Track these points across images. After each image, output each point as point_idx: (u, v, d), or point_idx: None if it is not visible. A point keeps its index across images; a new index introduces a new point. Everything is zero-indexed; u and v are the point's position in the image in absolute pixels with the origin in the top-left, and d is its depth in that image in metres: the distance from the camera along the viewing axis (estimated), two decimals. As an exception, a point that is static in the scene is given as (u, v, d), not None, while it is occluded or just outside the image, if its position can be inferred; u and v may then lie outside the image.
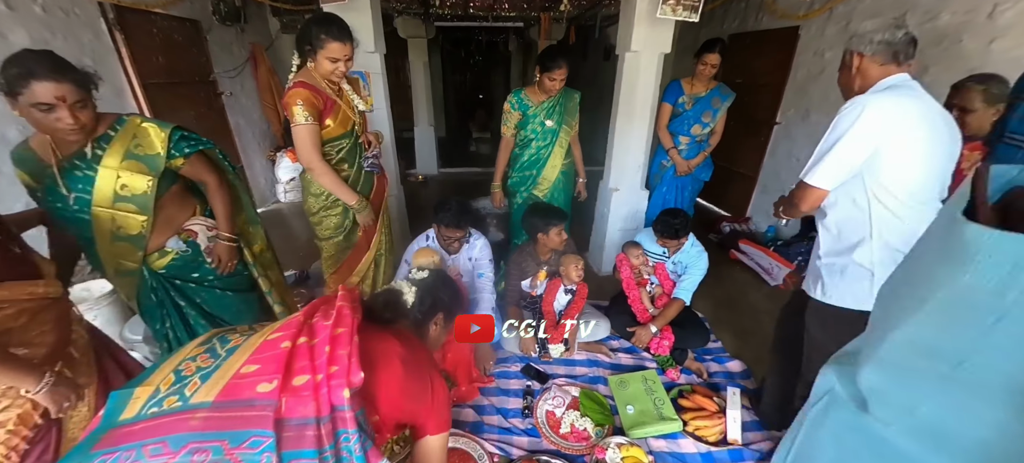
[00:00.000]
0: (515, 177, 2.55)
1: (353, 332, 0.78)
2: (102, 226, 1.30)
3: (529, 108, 2.39)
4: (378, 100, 2.52)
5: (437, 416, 0.93)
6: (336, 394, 0.70)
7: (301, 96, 1.62)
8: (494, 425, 1.82)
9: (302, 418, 0.67)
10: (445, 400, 0.96)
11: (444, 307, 1.15)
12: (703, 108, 2.65)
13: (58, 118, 1.10)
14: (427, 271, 1.21)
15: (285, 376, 0.69)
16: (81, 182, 1.24)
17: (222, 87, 3.65)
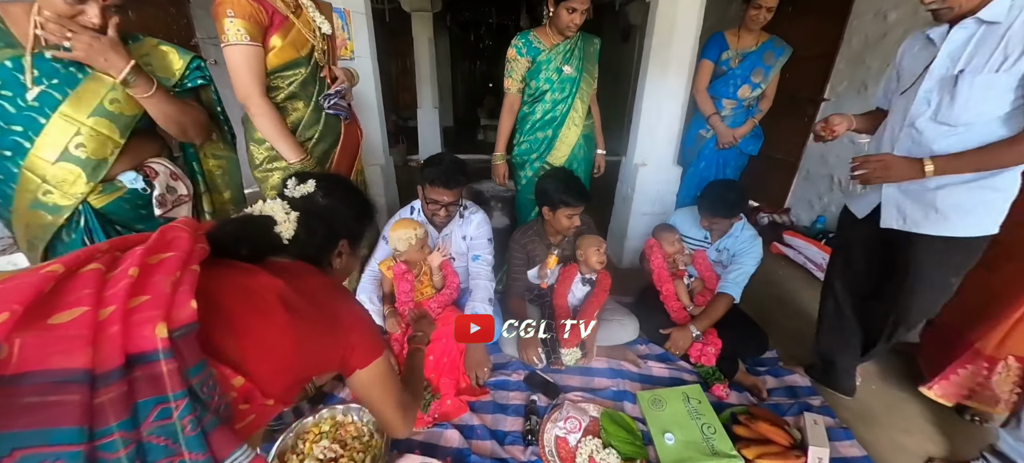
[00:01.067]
0: (524, 143, 2.09)
1: (187, 258, 0.54)
2: (56, 139, 1.02)
3: (541, 52, 1.94)
4: (362, 47, 2.11)
5: (357, 348, 0.75)
6: (140, 334, 0.44)
7: (235, 4, 1.22)
8: (485, 454, 1.37)
9: (57, 374, 0.39)
10: (361, 325, 0.78)
11: (347, 231, 0.87)
12: (753, 65, 2.16)
13: (84, 10, 0.94)
14: (311, 183, 0.84)
15: (36, 310, 0.41)
16: (59, 79, 1.00)
17: (206, 54, 3.30)
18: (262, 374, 0.58)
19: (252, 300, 0.61)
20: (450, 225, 1.78)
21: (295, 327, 0.62)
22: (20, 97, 0.99)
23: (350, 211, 0.89)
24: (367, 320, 0.80)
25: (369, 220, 0.96)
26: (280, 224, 0.76)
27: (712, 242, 1.90)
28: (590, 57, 2.02)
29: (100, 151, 1.07)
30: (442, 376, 1.59)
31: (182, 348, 0.46)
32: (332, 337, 0.70)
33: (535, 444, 1.39)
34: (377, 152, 2.35)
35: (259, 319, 0.60)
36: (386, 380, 0.81)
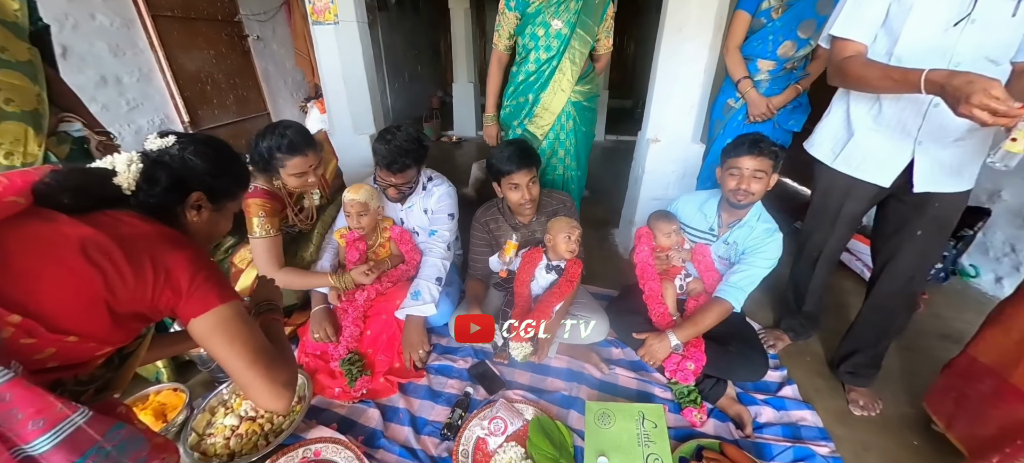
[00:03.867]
0: (507, 106, 1.89)
1: None
2: None
3: (529, 5, 1.71)
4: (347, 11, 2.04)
5: (185, 295, 0.73)
6: None
7: (264, 206, 1.44)
8: (396, 441, 1.27)
9: None
10: (198, 274, 0.73)
11: (200, 183, 0.81)
12: (800, 15, 1.69)
13: None
14: (170, 138, 0.81)
15: None
16: None
17: (249, 30, 3.56)
18: (49, 311, 0.62)
19: (43, 247, 0.63)
20: (412, 197, 1.67)
21: (96, 271, 0.64)
22: None
23: (206, 165, 0.83)
24: (205, 271, 0.75)
25: (234, 180, 0.91)
26: (120, 175, 0.73)
27: (719, 235, 1.56)
28: (592, 10, 1.74)
29: (29, 101, 1.12)
30: (378, 352, 1.52)
31: None
32: (145, 283, 0.69)
33: (451, 440, 1.26)
34: (367, 122, 2.31)
35: (48, 263, 0.63)
36: (230, 332, 0.76)
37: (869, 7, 1.14)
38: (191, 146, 0.82)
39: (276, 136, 1.39)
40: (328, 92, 2.26)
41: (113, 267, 0.66)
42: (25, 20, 1.16)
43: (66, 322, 0.63)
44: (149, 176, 0.75)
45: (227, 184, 0.89)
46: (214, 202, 0.86)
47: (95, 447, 0.61)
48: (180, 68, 2.99)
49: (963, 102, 0.86)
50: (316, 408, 1.38)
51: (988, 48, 1.02)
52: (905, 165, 1.19)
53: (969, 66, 1.01)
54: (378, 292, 1.56)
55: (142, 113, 2.83)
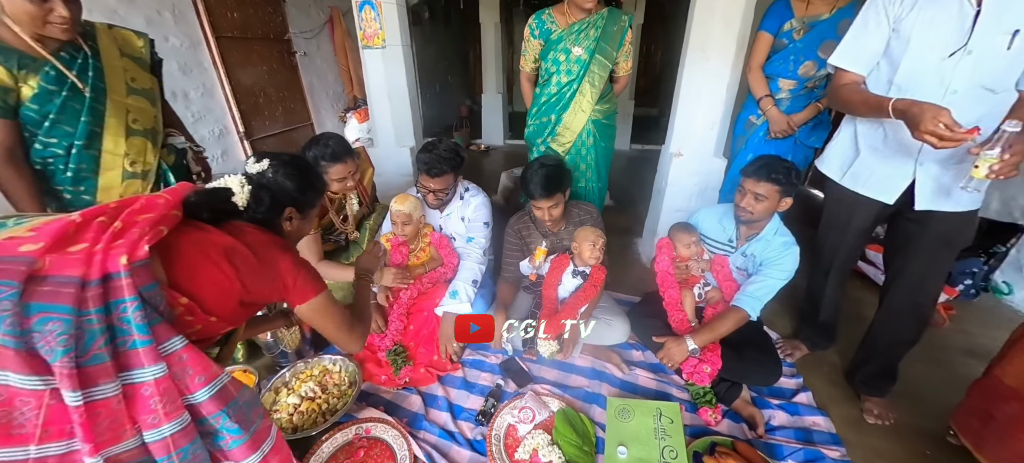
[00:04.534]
0: (531, 126, 2.04)
1: (158, 218, 0.76)
2: (118, 119, 1.28)
3: (553, 32, 1.86)
4: (393, 35, 2.25)
5: (292, 290, 0.94)
6: (111, 260, 0.68)
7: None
8: (437, 424, 1.43)
9: (64, 276, 0.64)
10: (300, 273, 0.95)
11: (291, 200, 1.02)
12: (822, 36, 1.76)
13: (52, 9, 1.08)
14: (264, 162, 1.00)
15: (58, 243, 0.67)
16: (90, 73, 1.22)
17: (297, 46, 3.86)
18: (203, 297, 0.81)
19: (201, 250, 0.83)
20: (450, 205, 1.84)
21: (234, 270, 0.84)
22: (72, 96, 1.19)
23: (294, 185, 1.02)
24: (304, 270, 0.97)
25: (314, 193, 1.10)
26: (236, 195, 0.93)
27: (737, 246, 1.65)
28: (611, 36, 1.87)
29: (148, 119, 1.37)
30: (420, 345, 1.69)
31: (138, 272, 0.69)
32: (268, 280, 0.90)
33: (485, 425, 1.41)
34: (408, 135, 2.51)
35: (204, 263, 0.82)
36: (324, 312, 1.01)
37: (867, 41, 1.23)
38: (281, 169, 1.02)
39: (321, 146, 1.58)
40: (374, 108, 2.47)
41: (247, 268, 0.85)
42: (147, 55, 1.41)
43: (213, 306, 0.82)
44: (256, 196, 0.95)
45: (310, 197, 1.09)
46: (301, 212, 1.06)
47: (234, 401, 0.80)
48: (237, 83, 3.30)
49: (914, 128, 0.99)
50: (366, 392, 1.56)
51: (985, 78, 1.08)
52: (908, 184, 1.25)
53: (965, 94, 1.08)
54: (420, 291, 1.73)
55: (205, 124, 3.13)
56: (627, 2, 4.28)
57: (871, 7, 1.23)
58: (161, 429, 0.71)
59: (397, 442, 1.36)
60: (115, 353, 0.68)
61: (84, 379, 0.64)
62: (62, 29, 1.12)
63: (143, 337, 0.68)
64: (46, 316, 0.62)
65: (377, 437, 1.38)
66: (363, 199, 1.92)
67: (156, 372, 0.70)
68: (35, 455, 0.64)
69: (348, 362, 1.63)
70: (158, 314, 0.72)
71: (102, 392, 0.66)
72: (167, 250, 0.77)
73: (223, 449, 0.80)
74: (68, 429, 0.65)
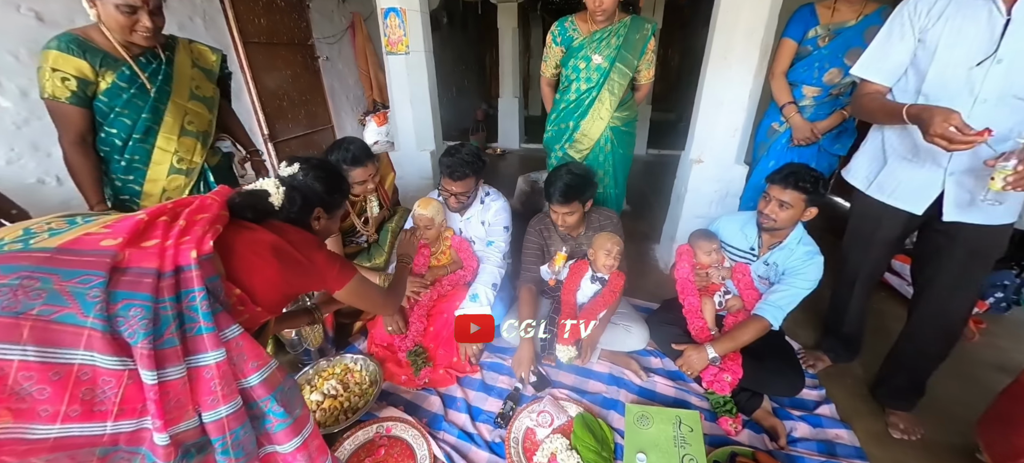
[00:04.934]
0: (550, 131, 2.05)
1: (214, 218, 0.83)
2: (175, 119, 1.43)
3: (574, 39, 1.87)
4: (416, 42, 2.30)
5: (330, 279, 1.03)
6: (182, 254, 0.75)
7: None
8: (456, 425, 1.45)
9: (143, 268, 0.71)
10: (334, 264, 1.02)
11: (320, 201, 1.10)
12: (848, 43, 1.74)
13: (138, 20, 1.24)
14: (295, 166, 1.10)
15: (134, 238, 0.74)
16: (160, 77, 1.38)
17: (319, 52, 3.95)
18: (254, 289, 0.88)
19: (252, 247, 0.90)
20: (471, 209, 1.86)
21: (280, 265, 0.91)
22: (138, 94, 1.35)
23: (322, 187, 1.11)
24: (336, 262, 1.05)
25: (340, 194, 1.19)
26: (272, 196, 1.00)
27: (759, 255, 1.63)
28: (633, 45, 1.87)
29: (202, 123, 1.51)
30: (439, 347, 1.71)
31: (204, 265, 0.76)
32: (308, 273, 0.98)
33: (503, 428, 1.42)
34: (429, 139, 2.55)
35: (255, 258, 0.89)
36: (360, 292, 1.11)
37: (891, 52, 1.22)
38: (311, 172, 1.11)
39: (342, 150, 1.65)
40: (396, 112, 2.52)
41: (291, 263, 0.93)
42: (217, 69, 1.57)
43: (261, 298, 0.89)
44: (289, 197, 1.02)
45: (337, 199, 1.17)
46: (328, 212, 1.14)
47: (280, 386, 0.86)
48: (263, 87, 3.39)
49: (925, 133, 0.99)
50: (386, 392, 1.59)
51: (1016, 87, 1.06)
52: (937, 194, 1.23)
53: (995, 103, 1.06)
54: (440, 294, 1.76)
55: (232, 126, 3.24)
56: (645, 7, 4.27)
57: (896, 18, 1.22)
58: (219, 410, 0.77)
59: (417, 442, 1.38)
60: (184, 338, 0.74)
61: (159, 360, 0.70)
62: (145, 37, 1.27)
63: (208, 324, 0.75)
64: (129, 302, 0.68)
65: (397, 436, 1.41)
66: (384, 202, 1.97)
67: (217, 356, 0.76)
68: (111, 431, 0.69)
69: (369, 361, 1.66)
70: (219, 303, 0.79)
71: (172, 373, 0.72)
72: (223, 246, 0.83)
73: (269, 432, 0.86)
74: (140, 408, 0.71)
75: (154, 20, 1.27)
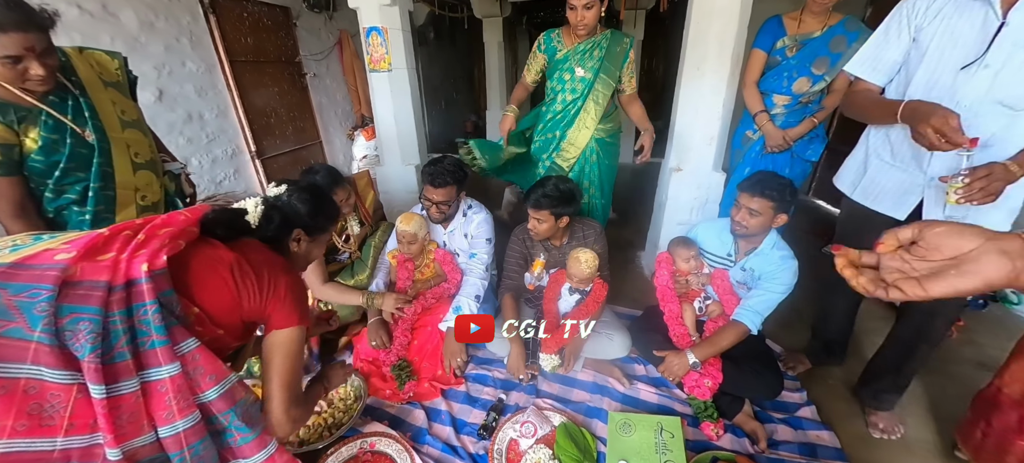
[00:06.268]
0: (537, 141, 2.09)
1: (177, 232, 0.82)
2: (123, 156, 1.26)
3: (558, 51, 1.93)
4: (399, 60, 2.34)
5: (281, 311, 0.94)
6: (135, 268, 0.74)
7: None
8: (440, 438, 1.45)
9: (93, 281, 0.71)
10: (291, 296, 0.95)
11: (301, 223, 1.08)
12: (814, 53, 1.80)
13: (26, 69, 1.03)
14: (282, 187, 1.09)
15: (89, 252, 0.73)
16: (85, 113, 1.18)
17: (307, 69, 3.98)
18: (211, 309, 0.86)
19: (210, 264, 0.88)
20: (453, 222, 1.88)
21: (236, 286, 0.88)
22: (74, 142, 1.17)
23: (305, 208, 1.09)
24: (297, 296, 0.96)
25: (325, 218, 1.16)
26: (249, 214, 1.00)
27: (736, 260, 1.66)
28: (614, 57, 1.92)
29: (145, 151, 1.34)
30: (424, 360, 1.72)
31: (157, 279, 0.75)
32: (262, 298, 0.92)
33: (487, 439, 1.43)
34: (413, 154, 2.58)
35: (211, 276, 0.87)
36: (289, 353, 0.95)
37: (886, 50, 1.20)
38: (296, 193, 1.10)
39: (309, 176, 1.69)
40: (380, 129, 2.55)
41: (247, 284, 0.89)
42: (124, 77, 1.34)
43: (219, 319, 0.87)
44: (267, 216, 1.01)
45: (321, 222, 1.15)
46: (310, 235, 1.11)
47: (241, 401, 0.85)
48: (250, 104, 3.41)
49: (922, 121, 0.97)
50: (371, 407, 1.59)
51: (1001, 93, 1.03)
52: (917, 200, 1.23)
53: (977, 108, 1.05)
54: (423, 307, 1.76)
55: (218, 144, 3.24)
56: (627, 20, 4.37)
57: (894, 17, 1.19)
58: (175, 425, 0.76)
59: (401, 456, 1.38)
60: (136, 352, 0.73)
61: (108, 375, 0.69)
62: (39, 83, 1.07)
63: (161, 337, 0.74)
64: (77, 316, 0.68)
65: (381, 451, 1.41)
66: (365, 220, 1.98)
67: (171, 370, 0.75)
68: (61, 446, 0.68)
69: (354, 377, 1.66)
70: (174, 317, 0.78)
71: (124, 387, 0.71)
72: (183, 263, 0.83)
73: (232, 446, 0.85)
74: (91, 423, 0.69)
75: (45, 63, 1.05)
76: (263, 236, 1.00)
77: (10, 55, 1.00)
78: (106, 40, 2.48)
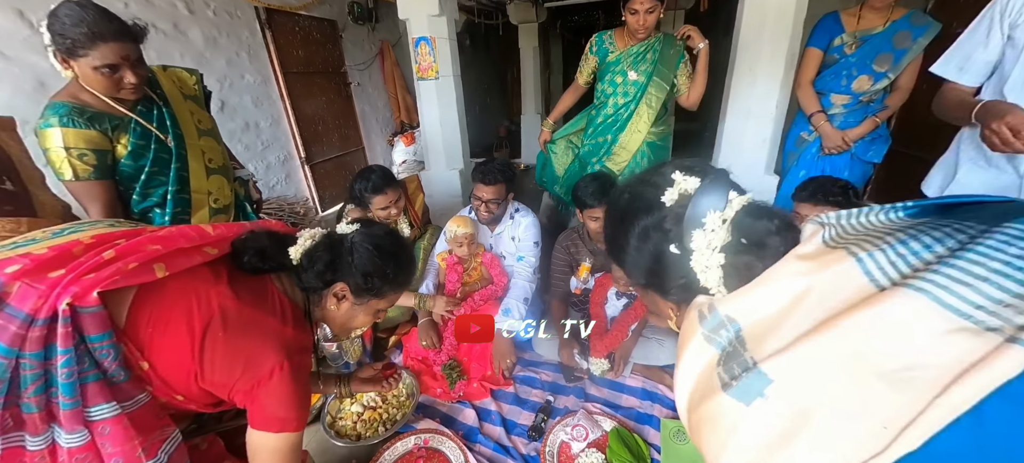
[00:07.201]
0: (587, 146, 2.10)
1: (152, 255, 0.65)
2: (197, 161, 1.36)
3: (609, 54, 1.93)
4: (445, 68, 2.41)
5: (257, 407, 0.71)
6: (59, 299, 0.58)
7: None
8: (491, 438, 1.48)
9: (15, 310, 0.58)
10: (275, 391, 0.71)
11: (350, 275, 0.82)
12: (876, 50, 1.72)
13: (122, 77, 1.13)
14: (355, 226, 0.88)
15: (42, 267, 0.60)
16: (167, 121, 1.29)
17: (351, 78, 4.17)
18: (164, 371, 0.68)
19: (180, 309, 0.68)
20: (501, 225, 1.93)
21: (197, 350, 0.67)
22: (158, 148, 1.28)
23: (364, 262, 0.83)
24: (286, 393, 0.72)
25: (384, 278, 0.86)
26: (299, 242, 0.82)
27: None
28: (668, 60, 1.90)
29: (219, 157, 1.45)
30: (473, 360, 1.76)
31: (84, 320, 0.59)
32: (231, 380, 0.69)
33: (537, 440, 1.44)
34: (457, 158, 2.65)
35: (173, 326, 0.67)
36: (272, 457, 0.74)
37: (976, 51, 1.13)
38: (362, 237, 0.85)
39: (364, 179, 1.76)
40: (426, 134, 2.64)
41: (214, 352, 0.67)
42: (200, 91, 1.46)
43: (176, 385, 0.68)
44: (311, 254, 0.80)
45: (375, 284, 0.85)
46: (356, 296, 0.85)
47: None
48: (300, 113, 3.60)
49: (995, 119, 0.93)
50: (423, 404, 1.64)
51: None
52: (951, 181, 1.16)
53: None
54: (472, 309, 1.81)
55: (272, 151, 3.44)
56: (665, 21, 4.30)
57: (984, 16, 1.13)
58: None
59: (454, 454, 1.42)
60: (48, 405, 0.59)
61: (5, 425, 0.57)
62: (132, 92, 1.17)
63: (67, 398, 0.58)
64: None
65: (435, 448, 1.45)
66: (414, 222, 2.05)
67: (71, 440, 0.60)
68: None
69: (407, 374, 1.72)
70: (100, 370, 0.61)
71: (31, 443, 0.58)
72: (155, 295, 0.66)
73: None
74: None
75: (138, 72, 1.15)
76: (300, 280, 0.81)
77: (109, 64, 1.09)
78: (177, 56, 2.69)
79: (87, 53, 1.07)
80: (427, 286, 1.91)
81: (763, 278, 0.43)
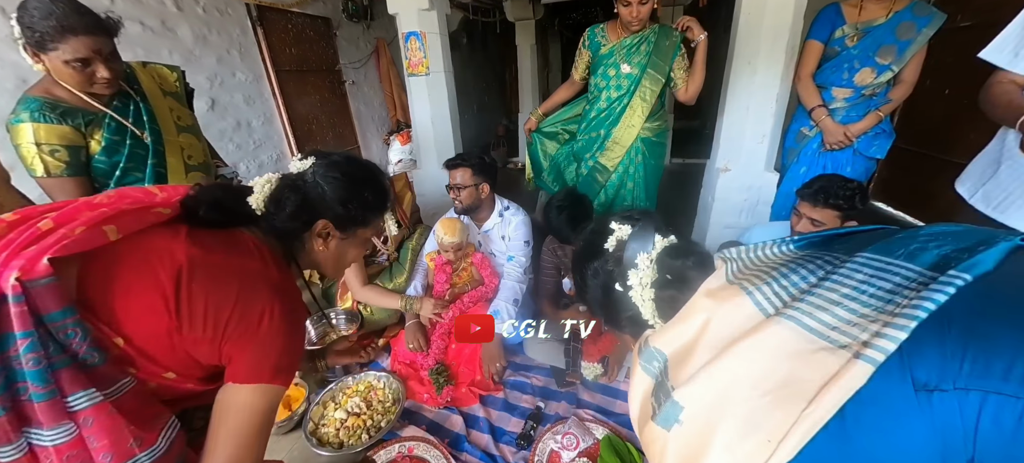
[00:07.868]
0: (581, 141, 2.04)
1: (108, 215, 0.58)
2: (176, 158, 1.33)
3: (602, 47, 1.88)
4: (436, 63, 2.36)
5: (244, 354, 0.64)
6: (3, 276, 0.50)
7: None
8: (478, 446, 1.42)
9: None
10: (268, 334, 0.64)
11: (329, 212, 0.75)
12: (879, 41, 1.65)
13: (94, 72, 1.09)
14: (309, 159, 0.79)
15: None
16: (144, 117, 1.25)
17: (346, 76, 4.12)
18: (142, 342, 0.60)
19: (144, 267, 0.60)
20: (490, 223, 1.87)
21: (172, 306, 0.60)
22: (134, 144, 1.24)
23: (338, 192, 0.76)
24: (278, 338, 0.66)
25: (366, 206, 0.81)
26: (255, 192, 0.73)
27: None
28: (663, 52, 1.84)
29: (199, 154, 1.43)
30: (462, 365, 1.70)
31: (39, 295, 0.51)
32: (216, 330, 0.62)
33: (526, 449, 1.39)
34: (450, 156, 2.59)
35: (140, 287, 0.59)
36: (250, 418, 0.65)
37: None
38: (324, 168, 0.77)
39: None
40: (418, 131, 2.58)
41: (192, 304, 0.60)
42: (182, 88, 1.43)
43: (160, 357, 0.61)
44: (277, 199, 0.72)
45: (356, 211, 0.79)
46: (342, 230, 0.78)
47: None
48: (293, 112, 3.56)
49: None
50: (409, 410, 1.58)
51: None
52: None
53: None
54: (461, 311, 1.75)
55: (264, 150, 3.40)
56: (664, 16, 4.24)
57: None
58: None
59: (438, 461, 1.37)
60: (15, 404, 0.51)
61: None
62: (105, 87, 1.14)
63: (39, 388, 0.50)
64: None
65: (420, 456, 1.40)
66: (402, 222, 2.00)
67: (56, 436, 0.52)
68: None
69: (392, 379, 1.66)
70: (69, 355, 0.53)
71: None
72: (114, 262, 0.58)
73: None
74: None
75: (111, 67, 1.12)
76: (273, 228, 0.74)
77: (80, 58, 1.05)
78: (165, 54, 2.64)
79: (57, 46, 1.04)
80: (415, 287, 1.85)
81: (682, 312, 0.50)
